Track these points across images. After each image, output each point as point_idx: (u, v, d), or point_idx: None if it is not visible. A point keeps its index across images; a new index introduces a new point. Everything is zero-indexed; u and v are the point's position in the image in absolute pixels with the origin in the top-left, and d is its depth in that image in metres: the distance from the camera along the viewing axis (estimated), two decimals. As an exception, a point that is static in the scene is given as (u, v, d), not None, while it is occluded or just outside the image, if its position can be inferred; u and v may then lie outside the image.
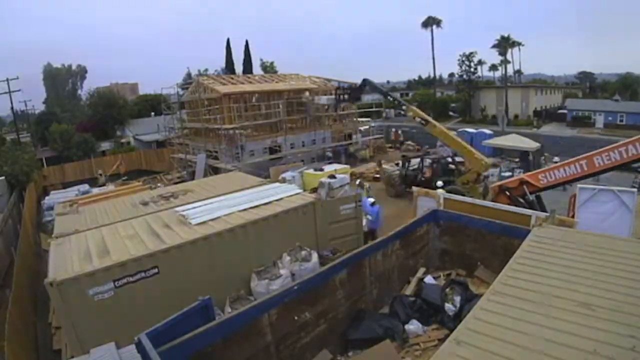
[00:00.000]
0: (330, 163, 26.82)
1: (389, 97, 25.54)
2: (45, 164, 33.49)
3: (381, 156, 32.28)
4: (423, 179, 19.37)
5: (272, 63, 65.59)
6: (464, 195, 14.95)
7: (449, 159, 20.09)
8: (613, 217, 10.69)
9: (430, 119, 21.25)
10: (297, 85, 30.73)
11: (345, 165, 25.05)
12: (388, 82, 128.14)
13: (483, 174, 18.83)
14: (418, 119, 20.91)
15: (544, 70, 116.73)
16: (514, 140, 27.45)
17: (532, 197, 13.71)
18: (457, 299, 8.17)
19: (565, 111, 53.67)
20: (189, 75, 64.85)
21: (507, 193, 13.95)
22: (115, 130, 43.20)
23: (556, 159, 23.20)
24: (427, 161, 20.21)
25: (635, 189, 11.00)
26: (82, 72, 65.39)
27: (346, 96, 27.49)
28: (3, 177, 24.67)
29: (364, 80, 26.15)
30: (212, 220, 10.16)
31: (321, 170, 22.61)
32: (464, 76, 58.50)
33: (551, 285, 5.26)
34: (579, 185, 11.95)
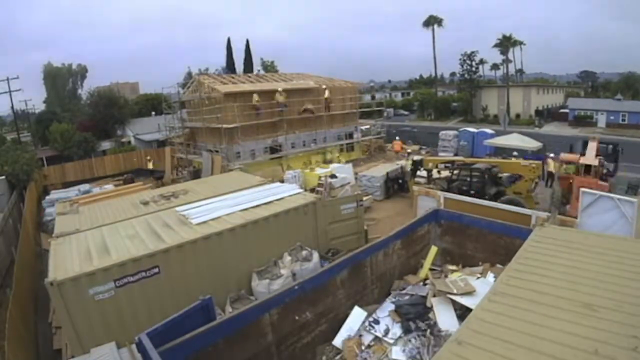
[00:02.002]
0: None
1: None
2: (45, 164, 33.49)
3: (382, 155, 32.30)
4: (472, 192, 16.71)
5: (272, 62, 65.62)
6: (523, 206, 14.27)
7: (496, 169, 17.74)
8: (614, 227, 10.42)
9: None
10: (299, 84, 30.65)
11: (348, 164, 24.99)
12: (389, 81, 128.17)
13: (535, 180, 17.16)
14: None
15: (546, 69, 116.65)
16: (515, 140, 27.36)
17: None
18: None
19: (567, 110, 53.60)
20: (189, 74, 64.93)
21: None
22: (116, 130, 43.18)
23: None
24: (477, 171, 17.57)
25: (635, 200, 10.67)
26: (82, 71, 65.26)
27: None
28: (4, 177, 24.68)
29: None
30: (212, 220, 10.17)
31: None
32: (466, 75, 58.49)
33: (553, 286, 5.24)
34: (581, 189, 11.86)
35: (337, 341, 7.27)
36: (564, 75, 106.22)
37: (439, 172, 19.37)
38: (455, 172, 18.23)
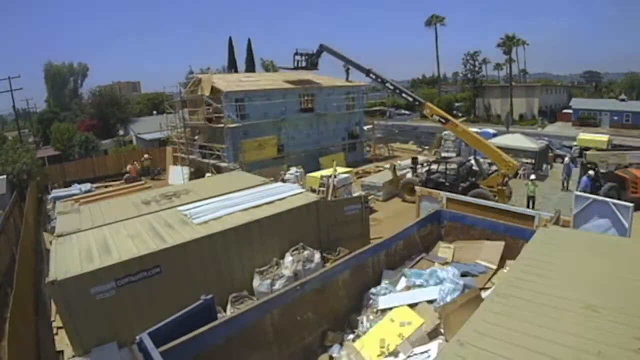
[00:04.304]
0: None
1: (371, 76, 23.28)
2: (47, 163, 33.54)
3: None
4: (447, 184, 18.33)
5: (272, 62, 65.57)
6: (489, 198, 15.65)
7: (473, 161, 19.34)
8: (609, 229, 10.25)
9: (450, 117, 20.35)
10: (302, 83, 30.55)
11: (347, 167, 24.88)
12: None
13: (509, 175, 18.05)
14: (436, 117, 19.96)
15: (550, 69, 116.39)
16: (517, 140, 27.24)
17: None
18: None
19: (570, 111, 53.41)
20: (191, 73, 64.91)
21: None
22: (118, 129, 43.24)
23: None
24: (452, 165, 19.01)
25: (630, 204, 10.44)
26: (83, 70, 65.31)
27: (304, 62, 27.73)
28: (4, 176, 24.68)
29: (321, 45, 26.14)
30: (214, 219, 10.15)
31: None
32: (469, 75, 58.41)
33: (555, 286, 5.20)
34: (575, 193, 11.81)
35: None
36: (567, 76, 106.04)
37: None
38: (434, 165, 19.66)
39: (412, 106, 39.93)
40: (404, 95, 22.69)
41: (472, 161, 19.95)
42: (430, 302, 7.23)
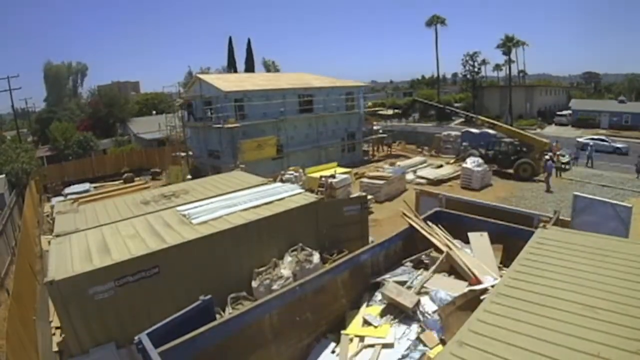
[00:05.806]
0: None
1: (447, 110, 34.97)
2: (45, 163, 33.51)
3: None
4: (500, 156, 26.34)
5: (273, 62, 65.62)
6: (532, 166, 24.46)
7: (516, 142, 26.47)
8: (608, 231, 10.23)
9: (496, 122, 29.82)
10: (301, 84, 30.60)
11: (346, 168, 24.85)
12: (391, 81, 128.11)
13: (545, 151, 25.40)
14: (487, 125, 28.91)
15: (549, 70, 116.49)
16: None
17: None
18: None
19: (569, 111, 53.45)
20: (190, 73, 64.94)
21: None
22: (117, 129, 43.21)
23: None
24: (504, 143, 26.72)
25: (631, 205, 10.46)
26: (83, 70, 65.31)
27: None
28: (3, 175, 24.67)
29: (414, 99, 33.48)
30: (213, 219, 10.13)
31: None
32: (468, 76, 58.40)
33: (555, 287, 5.20)
34: (574, 193, 11.80)
35: None
36: (567, 77, 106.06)
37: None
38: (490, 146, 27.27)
39: (405, 110, 40.49)
40: (460, 114, 32.22)
41: (516, 142, 26.59)
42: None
